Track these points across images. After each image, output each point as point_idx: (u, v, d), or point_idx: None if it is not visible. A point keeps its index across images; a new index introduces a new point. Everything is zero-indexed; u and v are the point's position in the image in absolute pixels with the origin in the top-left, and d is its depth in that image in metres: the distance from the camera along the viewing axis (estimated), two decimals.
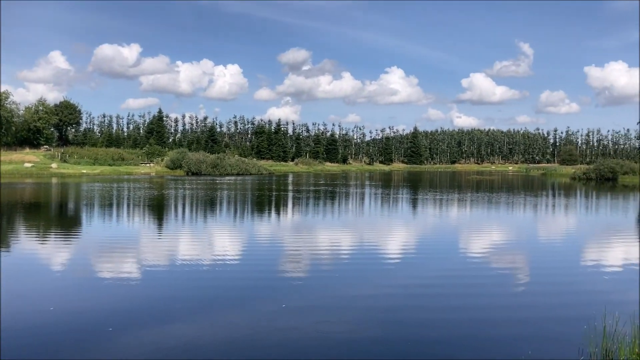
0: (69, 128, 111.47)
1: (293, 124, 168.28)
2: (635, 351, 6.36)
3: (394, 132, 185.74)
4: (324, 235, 17.95)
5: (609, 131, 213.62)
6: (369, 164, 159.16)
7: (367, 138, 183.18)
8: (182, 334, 7.59)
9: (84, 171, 69.51)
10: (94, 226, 19.78)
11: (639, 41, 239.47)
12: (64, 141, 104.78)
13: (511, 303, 9.46)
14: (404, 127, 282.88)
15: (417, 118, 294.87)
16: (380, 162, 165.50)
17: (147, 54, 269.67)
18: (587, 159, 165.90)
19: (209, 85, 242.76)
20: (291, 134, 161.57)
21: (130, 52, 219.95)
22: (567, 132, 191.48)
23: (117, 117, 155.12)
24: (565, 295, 10.11)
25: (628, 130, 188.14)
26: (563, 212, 27.42)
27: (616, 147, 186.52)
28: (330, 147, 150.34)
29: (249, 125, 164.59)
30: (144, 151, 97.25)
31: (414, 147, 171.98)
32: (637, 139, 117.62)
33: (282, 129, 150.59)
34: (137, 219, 22.05)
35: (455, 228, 20.93)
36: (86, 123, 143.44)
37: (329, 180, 63.67)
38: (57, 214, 24.22)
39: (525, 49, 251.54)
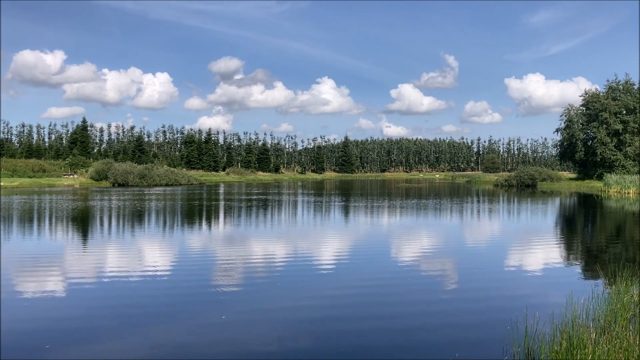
0: None
1: (224, 133, 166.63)
2: (554, 349, 6.74)
3: (326, 142, 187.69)
4: (258, 246, 17.86)
5: (528, 140, 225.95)
6: (301, 173, 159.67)
7: (300, 147, 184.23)
8: (118, 350, 7.35)
9: (1, 183, 65.73)
10: (14, 242, 18.75)
11: (554, 55, 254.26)
12: None
13: (439, 306, 9.78)
14: (335, 137, 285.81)
15: (348, 127, 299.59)
16: (313, 171, 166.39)
17: (72, 61, 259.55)
18: (509, 167, 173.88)
19: (137, 94, 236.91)
20: (222, 143, 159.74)
21: (53, 59, 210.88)
22: (489, 141, 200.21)
23: (38, 126, 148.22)
24: (490, 298, 10.57)
25: (545, 139, 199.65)
26: (487, 218, 28.61)
27: (535, 155, 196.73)
28: (262, 156, 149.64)
29: (179, 135, 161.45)
30: (67, 162, 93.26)
31: (345, 156, 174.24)
32: (554, 147, 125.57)
33: (213, 138, 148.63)
34: (60, 233, 21.09)
35: (386, 235, 21.36)
36: (3, 133, 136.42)
37: (261, 189, 63.36)
38: None
39: (450, 61, 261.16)
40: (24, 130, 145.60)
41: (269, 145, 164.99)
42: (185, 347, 7.48)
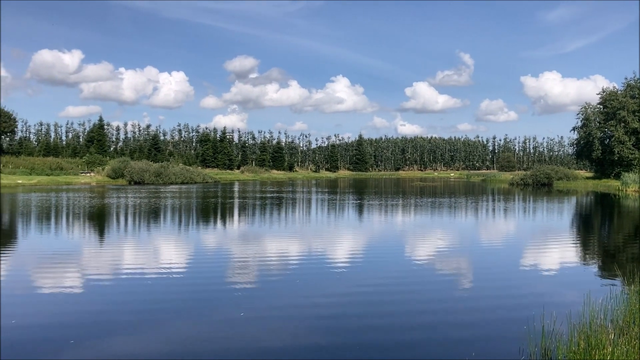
0: (3, 137, 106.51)
1: (239, 131, 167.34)
2: (571, 349, 6.69)
3: (340, 140, 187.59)
4: (274, 243, 17.91)
5: (544, 138, 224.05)
6: (315, 171, 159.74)
7: (314, 146, 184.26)
8: (138, 345, 7.44)
9: (20, 181, 66.57)
10: (32, 238, 19.01)
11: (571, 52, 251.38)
12: None
13: (455, 306, 9.74)
14: (349, 135, 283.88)
15: (362, 126, 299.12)
16: (326, 169, 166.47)
17: (89, 61, 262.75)
18: (524, 165, 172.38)
19: (153, 93, 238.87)
20: (237, 142, 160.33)
21: (71, 59, 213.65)
22: (505, 139, 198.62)
23: (56, 125, 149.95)
24: (506, 297, 10.50)
25: (562, 137, 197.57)
26: (503, 217, 28.41)
27: (551, 153, 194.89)
28: (276, 154, 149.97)
29: (194, 134, 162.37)
30: (84, 160, 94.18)
31: (359, 154, 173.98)
32: (570, 146, 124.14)
33: (228, 137, 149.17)
34: (77, 230, 21.34)
35: (401, 233, 21.31)
36: (22, 131, 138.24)
37: (275, 187, 63.52)
38: None
39: (466, 59, 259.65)
40: (41, 129, 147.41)
41: (283, 143, 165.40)
42: (205, 343, 7.54)
